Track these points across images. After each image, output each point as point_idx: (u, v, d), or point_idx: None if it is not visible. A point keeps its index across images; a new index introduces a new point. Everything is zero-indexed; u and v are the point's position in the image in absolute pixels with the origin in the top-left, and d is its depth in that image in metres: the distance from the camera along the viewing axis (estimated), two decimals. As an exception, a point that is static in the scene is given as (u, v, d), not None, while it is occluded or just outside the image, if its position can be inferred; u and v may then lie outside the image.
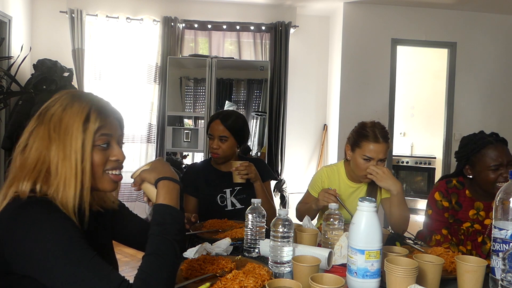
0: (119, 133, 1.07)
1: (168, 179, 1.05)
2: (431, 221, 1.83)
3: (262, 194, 2.00)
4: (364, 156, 1.81)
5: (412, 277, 1.07)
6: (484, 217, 1.77)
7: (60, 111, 0.98)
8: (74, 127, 0.97)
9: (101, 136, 1.00)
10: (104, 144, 1.01)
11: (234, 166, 1.94)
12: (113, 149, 1.04)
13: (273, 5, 4.60)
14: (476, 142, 1.74)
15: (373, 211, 1.14)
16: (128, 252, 3.81)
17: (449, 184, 1.83)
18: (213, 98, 4.08)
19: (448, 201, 1.81)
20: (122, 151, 1.06)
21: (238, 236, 1.58)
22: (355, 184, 1.98)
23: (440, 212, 1.81)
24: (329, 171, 2.02)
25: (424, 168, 5.59)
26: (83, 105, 0.99)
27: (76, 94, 1.03)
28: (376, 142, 1.80)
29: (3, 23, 3.88)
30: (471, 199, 1.79)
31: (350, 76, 4.53)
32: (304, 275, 1.09)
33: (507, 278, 0.95)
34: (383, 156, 1.81)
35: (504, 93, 4.77)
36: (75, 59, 4.22)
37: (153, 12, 4.43)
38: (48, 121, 0.98)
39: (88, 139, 0.98)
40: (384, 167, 1.77)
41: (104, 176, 1.04)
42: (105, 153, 1.02)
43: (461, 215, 1.79)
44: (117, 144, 1.06)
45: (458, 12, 4.64)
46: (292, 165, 4.80)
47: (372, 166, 1.76)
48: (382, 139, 1.80)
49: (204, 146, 4.03)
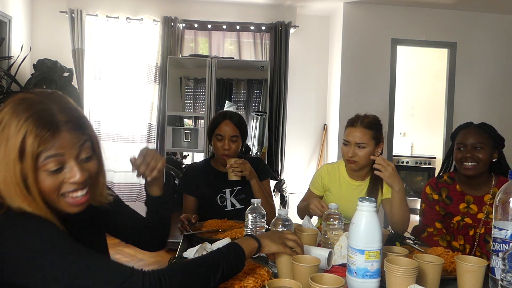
0: (79, 144, 0.89)
1: (254, 238, 1.10)
2: (424, 214, 1.89)
3: (259, 192, 2.00)
4: (344, 141, 1.90)
5: (412, 277, 1.06)
6: (476, 211, 1.79)
7: (1, 126, 0.85)
8: (11, 155, 0.83)
9: (47, 159, 0.85)
10: (53, 169, 0.86)
11: (229, 164, 1.93)
12: (68, 170, 0.89)
13: (273, 5, 4.60)
14: (460, 126, 1.88)
15: (373, 211, 1.14)
16: (128, 252, 3.82)
17: (440, 179, 1.90)
18: (213, 98, 4.09)
19: (438, 194, 1.86)
20: (80, 168, 0.90)
21: (238, 236, 1.58)
22: (356, 182, 1.98)
23: (431, 204, 1.87)
24: (330, 168, 2.04)
25: (424, 168, 5.59)
26: (20, 124, 0.84)
27: (18, 105, 0.87)
28: (352, 126, 1.88)
29: (3, 23, 3.88)
30: (462, 193, 1.83)
31: (350, 76, 4.53)
32: (304, 275, 1.09)
33: (507, 278, 0.96)
34: (359, 140, 1.84)
35: (504, 93, 4.76)
36: (75, 59, 4.22)
37: (153, 12, 4.43)
38: None
39: (28, 168, 0.84)
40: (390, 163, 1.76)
41: (60, 200, 0.90)
42: (56, 177, 0.88)
43: (452, 209, 1.83)
44: (75, 160, 0.89)
45: (458, 12, 4.64)
46: (292, 165, 4.80)
47: (381, 159, 1.75)
48: (360, 124, 1.86)
49: (204, 146, 4.03)
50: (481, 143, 1.74)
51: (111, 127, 4.36)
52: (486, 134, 1.78)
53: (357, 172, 1.96)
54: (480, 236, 1.74)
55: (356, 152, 1.85)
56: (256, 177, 2.00)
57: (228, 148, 2.01)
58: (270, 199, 2.11)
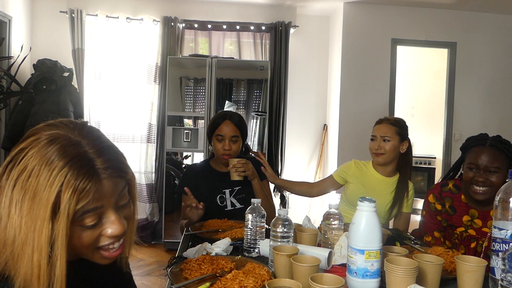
0: (118, 192, 0.75)
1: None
2: (424, 222, 1.85)
3: (260, 192, 2.01)
4: (371, 137, 2.10)
5: (412, 277, 1.07)
6: (480, 225, 1.71)
7: (26, 175, 0.68)
8: (40, 214, 0.66)
9: (85, 214, 0.71)
10: (91, 224, 0.72)
11: (231, 164, 1.94)
12: (107, 221, 0.75)
13: (273, 5, 4.60)
14: (474, 140, 1.72)
15: (373, 211, 1.14)
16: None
17: (444, 188, 1.81)
18: (213, 98, 4.09)
19: (441, 204, 1.79)
20: (120, 219, 0.76)
21: (238, 236, 1.58)
22: (381, 177, 2.11)
23: (432, 214, 1.81)
24: (358, 164, 2.20)
25: (424, 168, 5.59)
26: (54, 175, 0.67)
27: (47, 147, 0.69)
28: (379, 123, 2.11)
29: (3, 23, 3.88)
30: (467, 205, 1.75)
31: (350, 76, 4.53)
32: (304, 275, 1.09)
33: (507, 278, 0.95)
34: (384, 133, 2.04)
35: (504, 93, 4.76)
36: (75, 59, 4.22)
37: (153, 12, 4.43)
38: (14, 178, 0.69)
39: (60, 229, 0.67)
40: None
41: (94, 254, 0.77)
42: (93, 231, 0.73)
43: (455, 220, 1.76)
44: (113, 209, 0.75)
45: (458, 12, 4.64)
46: (292, 165, 4.80)
47: (263, 156, 2.15)
48: (386, 121, 2.09)
49: (204, 146, 4.03)
50: (496, 167, 1.59)
51: (111, 127, 4.36)
52: (503, 155, 1.61)
53: (384, 168, 2.10)
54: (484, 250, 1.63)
55: (381, 145, 2.04)
56: (257, 177, 2.01)
57: (228, 148, 2.01)
58: (270, 199, 2.11)
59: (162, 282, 3.23)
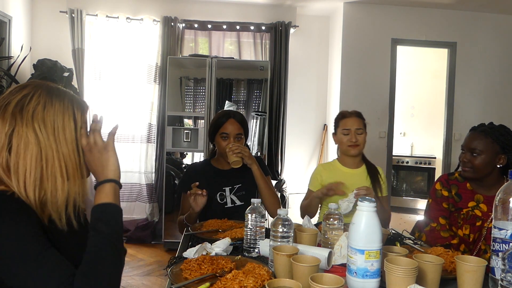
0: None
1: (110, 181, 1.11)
2: (430, 210, 1.90)
3: (261, 178, 2.03)
4: (344, 131, 2.14)
5: (412, 277, 1.07)
6: (485, 210, 1.77)
7: (41, 109, 0.96)
8: (66, 129, 0.99)
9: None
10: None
11: (228, 148, 1.96)
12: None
13: (273, 5, 4.60)
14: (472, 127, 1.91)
15: (373, 211, 1.14)
16: (127, 252, 3.81)
17: (451, 176, 1.90)
18: (213, 98, 4.08)
19: (447, 190, 1.86)
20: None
21: (238, 236, 1.58)
22: (352, 170, 2.17)
23: (438, 201, 1.87)
24: (325, 165, 2.28)
25: (424, 168, 5.60)
26: (66, 103, 1.01)
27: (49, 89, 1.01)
28: (349, 117, 2.17)
29: (3, 23, 3.88)
30: (472, 191, 1.82)
31: (350, 76, 4.53)
32: (304, 275, 1.09)
33: (507, 278, 0.96)
34: (358, 126, 2.14)
35: (504, 93, 4.76)
36: (75, 59, 4.22)
37: (153, 12, 4.43)
38: (30, 120, 0.95)
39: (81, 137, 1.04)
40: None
41: None
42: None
43: (461, 205, 1.83)
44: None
45: (458, 12, 4.64)
46: (292, 165, 4.80)
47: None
48: (352, 115, 2.17)
49: (204, 146, 4.03)
50: (479, 150, 1.73)
51: (111, 127, 4.34)
52: (489, 139, 1.74)
53: (352, 160, 2.18)
54: (488, 230, 1.71)
55: (357, 137, 2.12)
56: (256, 163, 2.02)
57: None
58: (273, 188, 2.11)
59: (162, 282, 3.23)
